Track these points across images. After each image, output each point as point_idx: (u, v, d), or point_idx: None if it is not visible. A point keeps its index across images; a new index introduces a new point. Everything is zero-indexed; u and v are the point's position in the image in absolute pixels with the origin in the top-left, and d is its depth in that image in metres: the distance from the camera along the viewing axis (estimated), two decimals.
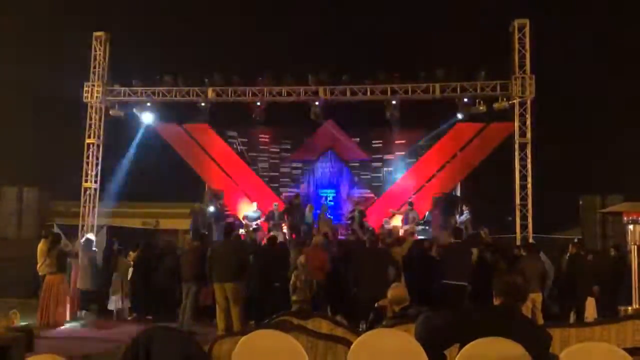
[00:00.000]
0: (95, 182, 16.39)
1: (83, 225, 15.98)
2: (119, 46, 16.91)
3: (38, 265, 11.16)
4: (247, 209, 16.96)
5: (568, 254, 11.20)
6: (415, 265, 10.49)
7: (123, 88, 16.66)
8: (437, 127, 17.78)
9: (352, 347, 4.18)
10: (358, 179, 19.09)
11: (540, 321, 9.18)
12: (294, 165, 19.54)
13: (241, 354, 3.95)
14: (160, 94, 16.57)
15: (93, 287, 11.92)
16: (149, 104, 16.84)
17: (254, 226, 15.71)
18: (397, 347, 4.01)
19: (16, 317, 8.20)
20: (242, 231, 15.17)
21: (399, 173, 18.55)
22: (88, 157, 16.30)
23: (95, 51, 16.39)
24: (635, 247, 8.76)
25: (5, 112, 18.44)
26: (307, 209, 16.21)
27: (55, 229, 13.60)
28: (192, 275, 10.41)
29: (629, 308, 9.02)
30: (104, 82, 16.44)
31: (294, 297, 9.37)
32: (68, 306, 11.15)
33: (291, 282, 9.50)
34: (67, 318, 11.06)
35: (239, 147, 19.11)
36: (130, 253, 12.69)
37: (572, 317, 10.34)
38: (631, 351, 3.79)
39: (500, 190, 15.83)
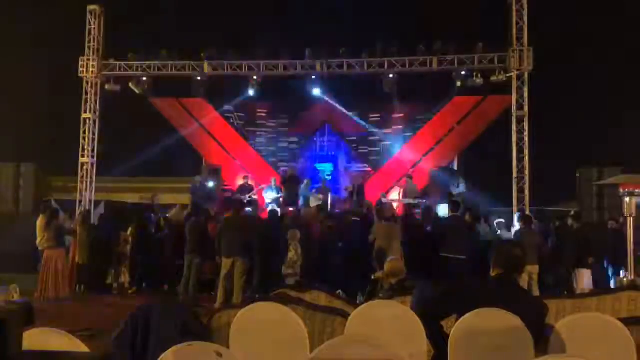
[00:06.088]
0: (92, 157, 16.35)
1: (81, 201, 16.00)
2: (113, 20, 16.70)
3: (37, 241, 11.21)
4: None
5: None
6: (413, 238, 10.54)
7: (118, 62, 16.53)
8: (435, 101, 17.73)
9: (349, 318, 4.23)
10: (356, 153, 19.07)
11: (537, 293, 9.28)
12: (291, 139, 19.49)
13: (240, 326, 3.99)
14: (156, 68, 16.46)
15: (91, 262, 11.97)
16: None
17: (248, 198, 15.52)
18: (394, 318, 4.06)
19: (15, 292, 8.24)
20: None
21: (397, 147, 18.56)
22: (84, 132, 16.25)
23: (90, 25, 16.23)
24: (631, 219, 8.81)
25: (1, 87, 18.25)
26: (305, 183, 16.14)
27: (53, 205, 13.60)
28: (196, 248, 10.58)
29: (624, 279, 9.10)
30: (99, 56, 16.32)
31: (284, 271, 9.64)
32: (67, 281, 11.23)
33: (289, 256, 9.63)
34: (67, 292, 11.12)
35: (235, 122, 19.06)
36: (130, 228, 12.72)
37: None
38: (626, 321, 3.84)
39: (497, 163, 15.79)
